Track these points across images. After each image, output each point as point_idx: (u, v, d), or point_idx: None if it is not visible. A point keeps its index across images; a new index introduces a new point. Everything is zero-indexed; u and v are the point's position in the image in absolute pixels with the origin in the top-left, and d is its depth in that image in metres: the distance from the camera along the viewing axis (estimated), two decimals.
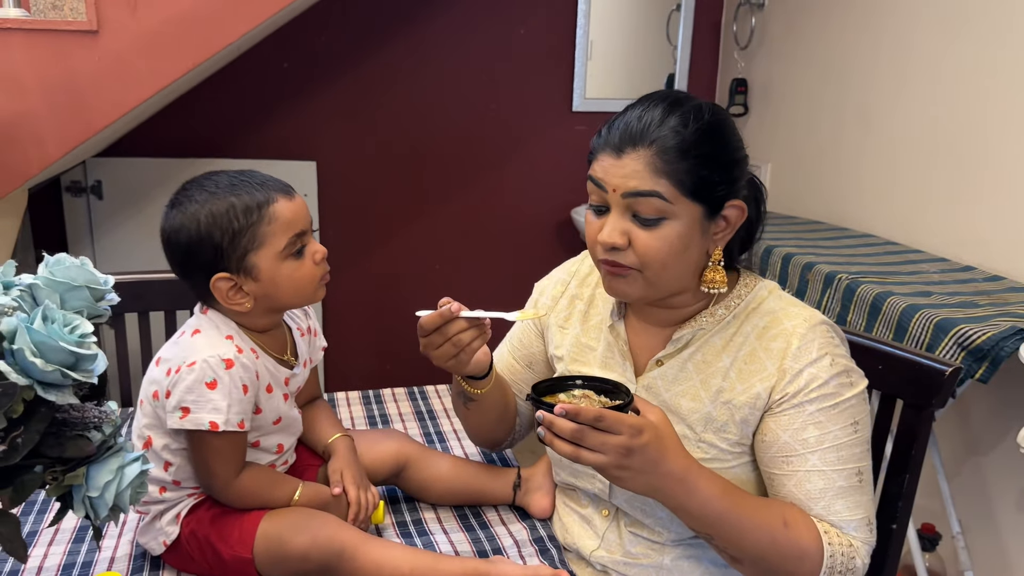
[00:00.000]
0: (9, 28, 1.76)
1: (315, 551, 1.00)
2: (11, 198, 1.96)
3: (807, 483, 0.99)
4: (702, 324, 1.06)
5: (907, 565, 1.93)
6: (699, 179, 0.96)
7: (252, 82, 2.81)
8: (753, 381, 1.02)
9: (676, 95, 1.01)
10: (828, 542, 0.98)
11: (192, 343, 1.04)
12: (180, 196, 1.06)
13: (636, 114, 0.98)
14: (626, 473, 0.90)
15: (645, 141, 0.96)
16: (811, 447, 0.99)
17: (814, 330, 1.01)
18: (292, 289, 1.06)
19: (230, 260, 1.03)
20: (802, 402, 1.00)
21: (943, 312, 1.60)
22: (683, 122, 0.96)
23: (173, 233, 1.05)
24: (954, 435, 2.00)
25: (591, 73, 3.09)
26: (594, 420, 0.87)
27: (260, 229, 1.03)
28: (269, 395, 1.09)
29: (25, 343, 0.73)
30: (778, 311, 1.04)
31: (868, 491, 1.02)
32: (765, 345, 1.02)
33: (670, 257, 0.98)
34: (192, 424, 1.01)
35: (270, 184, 1.06)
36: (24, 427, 0.75)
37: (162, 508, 1.08)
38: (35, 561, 1.09)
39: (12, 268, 0.83)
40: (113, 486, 0.80)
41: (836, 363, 1.00)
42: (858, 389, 1.02)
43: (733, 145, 1.00)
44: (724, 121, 1.01)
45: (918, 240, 2.14)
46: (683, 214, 0.96)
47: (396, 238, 3.09)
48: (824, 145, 2.56)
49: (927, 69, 2.12)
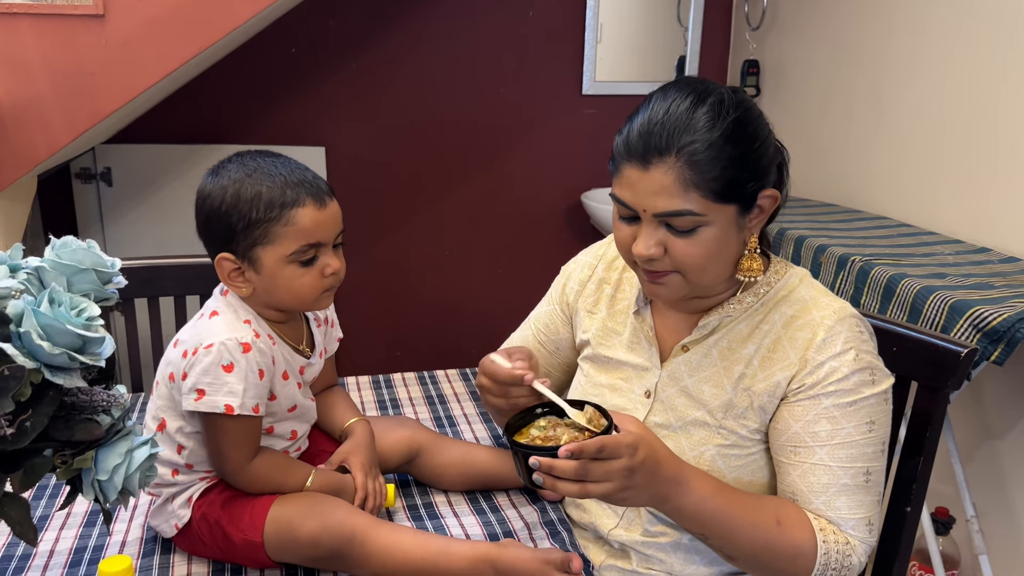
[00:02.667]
0: (16, 13, 1.76)
1: (325, 536, 1.00)
2: (20, 184, 1.96)
3: (811, 476, 0.99)
4: (729, 311, 1.04)
5: (920, 549, 1.92)
6: (730, 182, 0.94)
7: (260, 68, 2.80)
8: (775, 369, 1.01)
9: (698, 87, 0.96)
10: (823, 540, 0.97)
11: (210, 325, 1.04)
12: (223, 165, 1.05)
13: (659, 115, 0.94)
14: (631, 492, 0.88)
15: (672, 149, 0.92)
16: (821, 441, 0.98)
17: (842, 323, 0.99)
18: (289, 293, 1.05)
19: (239, 245, 1.03)
20: (818, 394, 0.98)
21: (958, 294, 1.58)
22: (710, 122, 0.93)
23: (202, 198, 1.04)
24: (969, 418, 1.99)
25: (601, 56, 3.07)
26: (596, 452, 0.84)
27: (275, 227, 1.02)
28: (285, 382, 1.09)
29: (32, 326, 0.73)
30: (808, 300, 1.02)
31: (875, 492, 1.00)
32: (791, 334, 1.01)
33: (708, 261, 0.97)
34: (207, 407, 1.00)
35: (307, 185, 1.03)
36: (32, 410, 0.75)
37: (174, 491, 1.08)
38: (47, 545, 1.09)
39: (19, 251, 0.83)
40: (122, 469, 0.80)
41: (860, 359, 0.98)
42: (880, 388, 0.99)
43: (760, 136, 0.97)
44: (748, 112, 0.96)
45: (932, 222, 2.12)
46: (717, 219, 0.95)
47: (406, 223, 3.08)
48: (837, 126, 2.53)
49: (941, 49, 2.08)
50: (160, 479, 1.07)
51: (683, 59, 3.14)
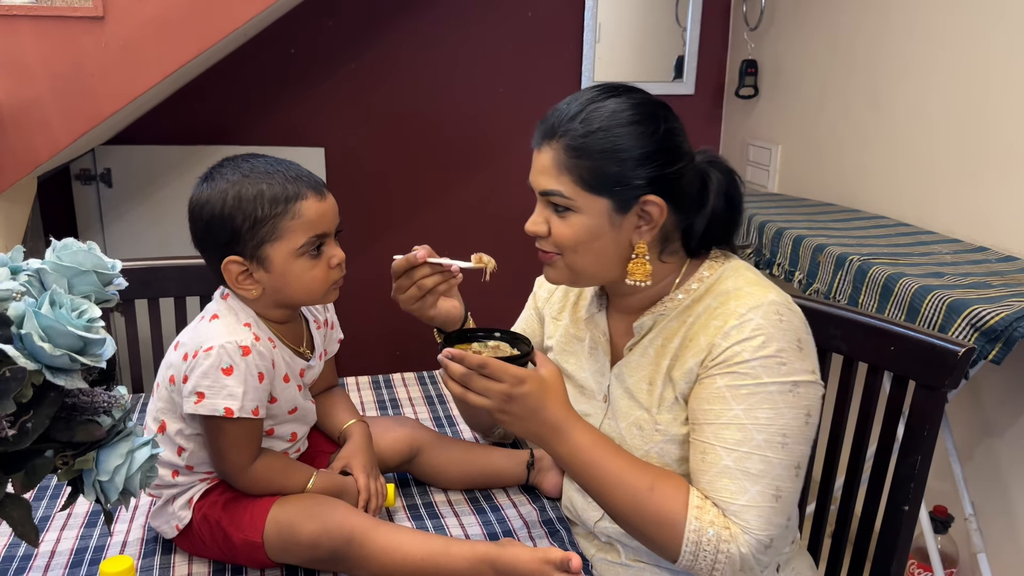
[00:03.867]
0: (15, 15, 1.76)
1: (325, 538, 1.00)
2: (20, 186, 1.96)
3: (699, 453, 0.99)
4: (663, 310, 1.06)
5: (919, 547, 1.93)
6: (600, 175, 0.99)
7: (260, 68, 2.80)
8: (687, 357, 1.02)
9: (611, 88, 1.02)
10: (696, 517, 0.95)
11: (210, 328, 1.04)
12: (215, 171, 1.05)
13: (563, 104, 1.02)
14: (507, 417, 0.98)
15: (555, 135, 1.00)
16: (709, 419, 0.98)
17: (756, 310, 0.98)
18: (301, 288, 1.06)
19: (246, 246, 1.03)
20: (715, 374, 0.99)
21: (955, 293, 1.58)
22: (599, 117, 0.99)
23: (198, 206, 1.04)
24: (966, 417, 1.99)
25: (599, 56, 3.07)
26: (478, 367, 0.96)
27: (282, 222, 1.02)
28: (285, 385, 1.09)
29: (33, 328, 0.73)
30: (731, 292, 1.02)
31: (764, 483, 0.96)
32: (706, 323, 1.02)
33: (580, 245, 1.02)
34: (207, 409, 1.01)
35: (304, 179, 1.05)
36: (33, 412, 0.75)
37: (175, 492, 1.08)
38: (48, 546, 1.09)
39: (20, 253, 0.83)
40: (123, 470, 0.81)
41: (767, 347, 0.97)
42: (786, 378, 0.97)
43: (648, 143, 0.99)
44: (647, 120, 0.99)
45: (930, 221, 2.13)
46: (587, 208, 1.00)
47: (405, 223, 3.08)
48: (835, 126, 2.53)
49: (938, 47, 2.09)
50: (160, 480, 1.07)
51: (681, 59, 3.15)
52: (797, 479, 0.98)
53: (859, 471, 1.28)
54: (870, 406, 1.26)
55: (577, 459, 0.99)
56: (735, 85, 3.02)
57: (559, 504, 1.21)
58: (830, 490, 1.33)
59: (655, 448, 1.05)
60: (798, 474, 0.98)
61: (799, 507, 1.34)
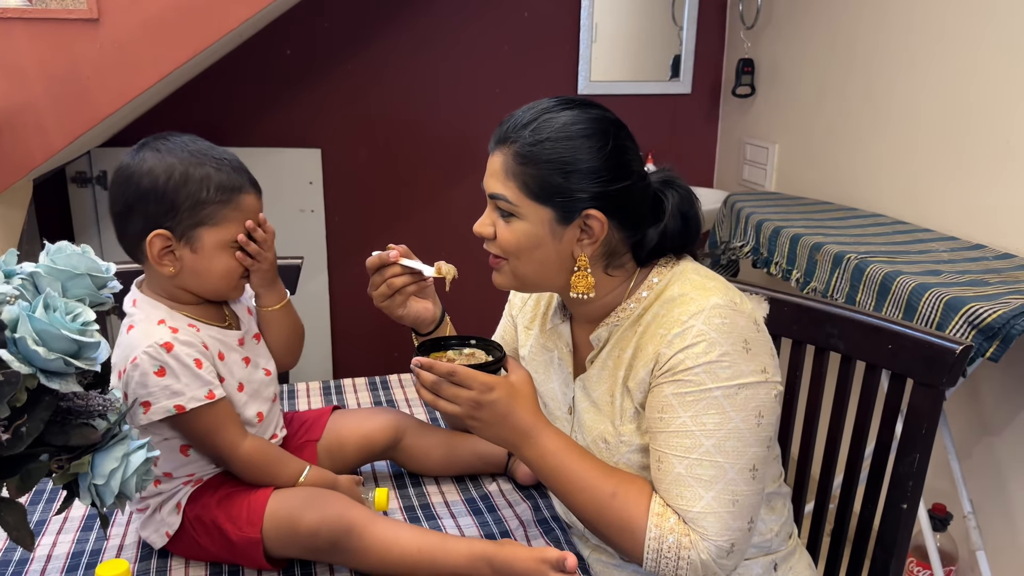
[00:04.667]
0: (9, 17, 1.76)
1: (324, 528, 1.00)
2: (16, 189, 1.96)
3: (655, 461, 0.99)
4: (616, 320, 1.06)
5: (918, 545, 1.93)
6: (544, 185, 0.99)
7: (255, 69, 2.80)
8: (639, 367, 1.02)
9: (569, 101, 1.03)
10: (656, 524, 0.95)
11: (129, 340, 1.04)
12: (160, 142, 1.05)
13: (518, 112, 1.03)
14: (477, 423, 1.00)
15: (507, 140, 1.02)
16: (660, 428, 0.99)
17: (697, 316, 0.98)
18: (214, 277, 1.07)
19: (181, 223, 1.03)
20: (662, 382, 0.99)
21: (953, 291, 1.58)
22: (543, 127, 1.00)
23: (136, 174, 1.02)
24: (965, 414, 1.99)
25: (596, 56, 3.07)
26: (447, 374, 0.98)
27: (224, 211, 1.04)
28: (223, 362, 1.09)
29: (27, 331, 0.73)
30: (677, 298, 1.02)
31: (721, 487, 0.95)
32: (653, 331, 1.01)
33: (521, 251, 1.03)
34: (158, 414, 1.01)
35: (246, 173, 1.07)
36: (28, 416, 0.75)
37: (160, 500, 1.08)
38: (44, 550, 1.09)
39: (14, 257, 0.83)
40: (119, 473, 0.81)
41: (711, 351, 0.96)
42: (732, 382, 0.96)
43: (590, 157, 0.99)
44: (591, 134, 1.00)
45: (927, 219, 2.13)
46: (530, 215, 1.01)
47: (402, 224, 3.08)
48: (832, 125, 2.54)
49: (934, 46, 2.09)
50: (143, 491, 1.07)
51: (678, 58, 3.15)
52: (755, 481, 0.97)
53: (857, 469, 1.28)
54: (868, 404, 1.25)
55: (544, 464, 1.01)
56: (732, 84, 3.02)
57: (554, 504, 1.21)
58: (829, 488, 1.33)
59: (622, 459, 1.05)
60: (755, 476, 0.97)
61: (796, 506, 1.34)
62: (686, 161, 3.23)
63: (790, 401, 1.35)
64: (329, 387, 1.59)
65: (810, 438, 1.33)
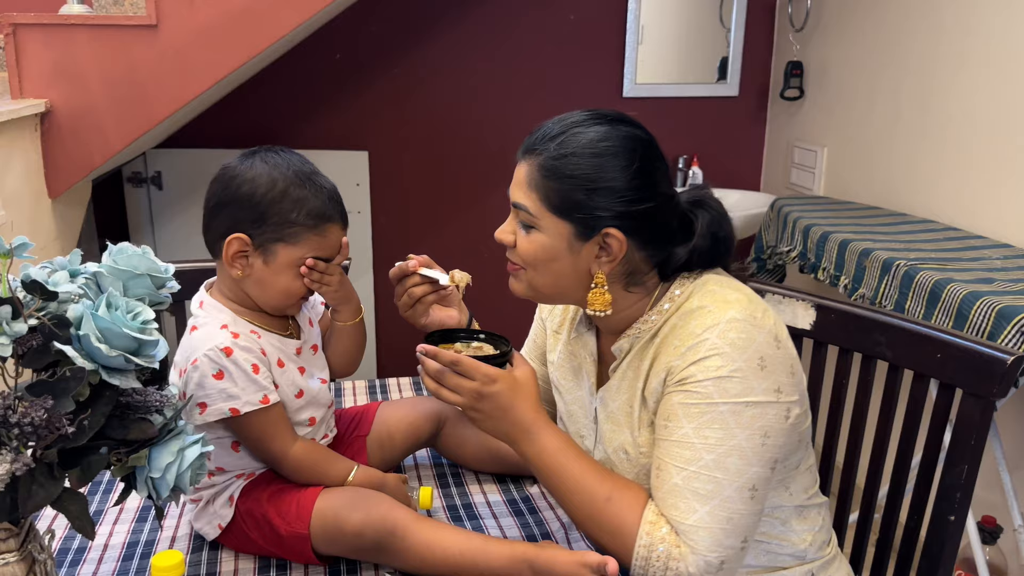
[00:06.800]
0: (73, 24, 1.82)
1: (369, 528, 1.03)
2: (76, 189, 2.03)
3: (655, 469, 0.99)
4: (637, 332, 1.05)
5: (967, 558, 1.89)
6: (566, 200, 0.99)
7: (306, 73, 2.85)
8: (654, 377, 1.01)
9: (601, 116, 1.02)
10: (647, 532, 0.95)
11: (191, 342, 1.07)
12: (271, 155, 1.08)
13: (550, 123, 1.03)
14: (478, 415, 1.02)
15: (535, 151, 1.02)
16: (663, 435, 0.98)
17: (712, 330, 0.96)
18: (277, 291, 1.09)
19: (262, 234, 1.06)
20: (671, 392, 0.98)
21: (1006, 299, 1.55)
22: (569, 142, 0.99)
23: (238, 178, 1.07)
24: (1017, 426, 1.95)
25: (642, 58, 3.06)
26: (450, 364, 1.00)
27: (307, 233, 1.07)
28: (282, 369, 1.12)
29: (91, 329, 0.76)
30: (694, 311, 1.00)
31: (717, 504, 0.94)
32: (670, 343, 1.00)
33: (538, 263, 1.03)
34: (214, 416, 1.05)
35: (339, 206, 1.10)
36: (90, 410, 0.78)
37: (214, 492, 1.11)
38: (100, 539, 1.13)
39: (78, 257, 0.86)
40: (174, 467, 0.83)
41: (723, 367, 0.94)
42: (740, 399, 0.94)
43: (613, 176, 0.98)
44: (617, 152, 0.99)
45: (980, 225, 2.08)
46: (549, 228, 1.01)
47: (444, 226, 3.11)
48: (882, 128, 2.50)
49: (987, 47, 2.05)
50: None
51: (725, 60, 3.12)
52: (752, 501, 0.95)
53: (904, 479, 1.26)
54: (916, 414, 1.24)
55: (541, 462, 1.01)
56: (780, 87, 2.99)
57: None
58: (874, 498, 1.31)
59: (642, 471, 1.04)
60: (753, 496, 0.95)
61: (840, 515, 1.33)
62: (733, 164, 3.21)
63: (836, 409, 1.33)
64: (375, 386, 1.62)
65: (856, 447, 1.32)
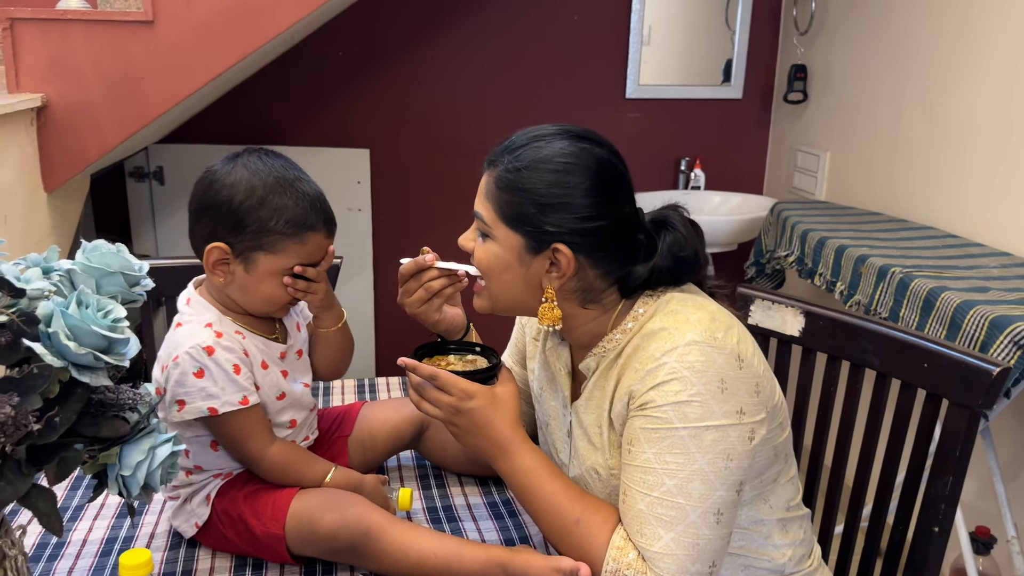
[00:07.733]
0: (70, 19, 1.82)
1: (343, 530, 1.02)
2: (73, 183, 2.03)
3: (621, 493, 0.98)
4: (603, 351, 1.04)
5: (959, 568, 1.87)
6: (517, 212, 0.99)
7: (308, 70, 2.85)
8: (618, 400, 1.01)
9: (567, 132, 1.02)
10: (614, 558, 0.94)
11: (174, 338, 1.07)
12: (253, 159, 1.06)
13: (516, 134, 1.04)
14: (456, 429, 1.03)
15: (496, 163, 1.02)
16: (627, 460, 0.97)
17: (671, 353, 0.95)
18: (261, 298, 1.09)
19: (241, 242, 1.05)
20: (634, 416, 0.97)
21: (999, 309, 1.54)
22: (526, 155, 0.99)
23: (218, 184, 1.05)
24: (1011, 436, 1.93)
25: (646, 59, 3.05)
26: (429, 377, 1.01)
27: (287, 242, 1.05)
28: (265, 371, 1.11)
29: (60, 326, 0.76)
30: (656, 332, 0.98)
31: (682, 529, 0.93)
32: (631, 365, 0.99)
33: (491, 272, 1.04)
34: (192, 414, 1.04)
35: (324, 212, 1.08)
36: (60, 407, 0.78)
37: (191, 490, 1.11)
38: (80, 535, 1.13)
39: (55, 253, 0.86)
40: (144, 466, 0.83)
41: (682, 391, 0.93)
42: (699, 423, 0.93)
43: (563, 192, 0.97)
44: (571, 169, 0.98)
45: (981, 233, 2.07)
46: (502, 239, 1.01)
47: (448, 224, 3.09)
48: (885, 133, 2.48)
49: (992, 54, 2.03)
50: (176, 481, 1.11)
51: (730, 62, 3.11)
52: (718, 525, 0.94)
53: (890, 489, 1.25)
54: (903, 423, 1.23)
55: (516, 480, 1.02)
56: (784, 90, 2.97)
57: None
58: (860, 507, 1.30)
59: (614, 492, 1.03)
60: (719, 520, 0.94)
61: (827, 523, 1.32)
62: (736, 167, 3.19)
63: (823, 417, 1.33)
64: (363, 385, 1.62)
65: (843, 455, 1.31)
